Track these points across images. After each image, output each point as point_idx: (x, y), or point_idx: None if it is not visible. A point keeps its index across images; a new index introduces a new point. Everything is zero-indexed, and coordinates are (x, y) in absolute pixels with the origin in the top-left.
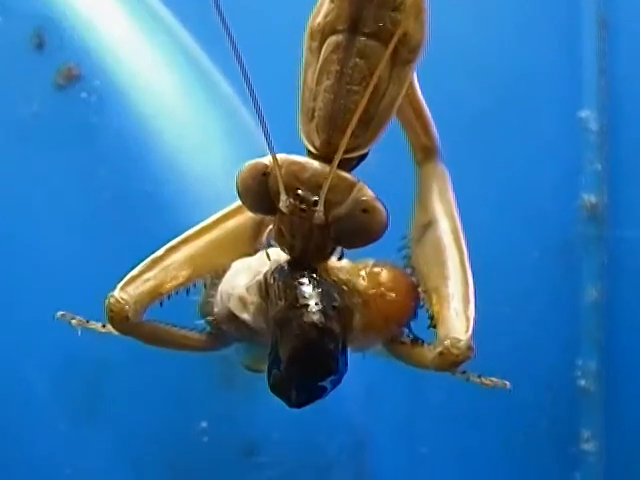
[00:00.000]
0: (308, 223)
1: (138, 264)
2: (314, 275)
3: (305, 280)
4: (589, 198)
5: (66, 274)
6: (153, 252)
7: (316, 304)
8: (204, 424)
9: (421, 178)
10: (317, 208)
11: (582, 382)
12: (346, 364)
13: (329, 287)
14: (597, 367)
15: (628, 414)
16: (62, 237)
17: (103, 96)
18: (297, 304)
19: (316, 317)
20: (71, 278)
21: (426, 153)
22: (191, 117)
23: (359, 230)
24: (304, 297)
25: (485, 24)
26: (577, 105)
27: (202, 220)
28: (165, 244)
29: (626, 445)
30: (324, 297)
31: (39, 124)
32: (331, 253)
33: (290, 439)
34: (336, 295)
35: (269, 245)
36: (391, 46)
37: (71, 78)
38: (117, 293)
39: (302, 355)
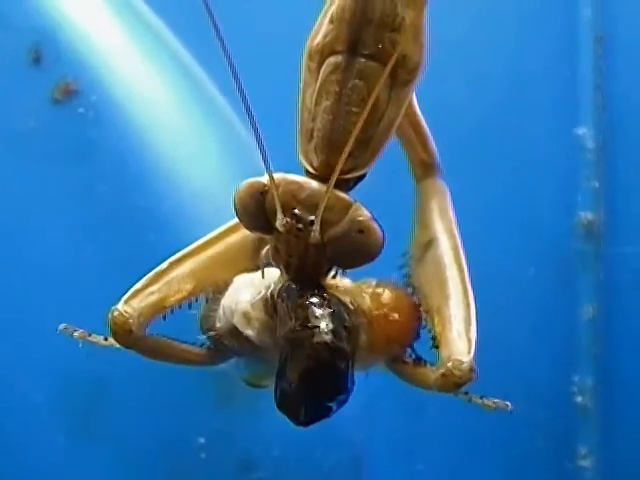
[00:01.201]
0: (304, 242)
1: (138, 278)
2: (325, 295)
3: (316, 300)
4: (586, 215)
5: (65, 289)
6: (152, 267)
7: (328, 324)
8: (202, 440)
9: (421, 194)
10: (313, 228)
11: (579, 398)
12: (353, 383)
13: (339, 307)
14: (594, 383)
15: (625, 430)
16: (60, 252)
17: (100, 111)
18: (308, 324)
19: (328, 337)
20: (69, 293)
21: (425, 169)
22: (188, 131)
23: (355, 250)
24: (316, 317)
25: (481, 41)
26: (573, 122)
27: (200, 234)
28: (165, 258)
29: (623, 461)
30: (335, 317)
31: (36, 139)
32: (327, 273)
33: (287, 455)
34: (345, 315)
35: (268, 263)
36: (389, 67)
37: (68, 93)
38: (121, 306)
39: (314, 375)
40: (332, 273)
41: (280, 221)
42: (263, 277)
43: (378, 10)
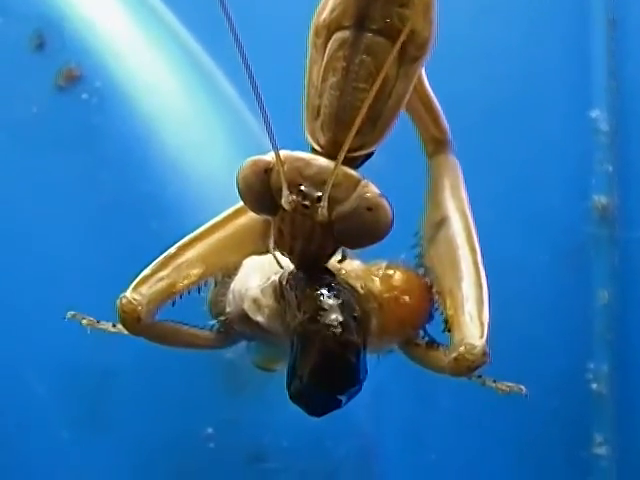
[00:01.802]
0: (310, 222)
1: (142, 265)
2: (333, 284)
3: (325, 291)
4: (599, 199)
5: (69, 277)
6: (156, 254)
7: (337, 317)
8: (210, 430)
9: (432, 171)
10: (320, 204)
11: (594, 385)
12: (366, 372)
13: (348, 296)
14: (609, 370)
15: None
16: (65, 239)
17: (104, 97)
18: (318, 316)
19: (338, 331)
20: (75, 281)
21: (437, 145)
22: (194, 117)
23: (363, 229)
24: (325, 310)
25: (494, 24)
26: (587, 105)
27: (205, 220)
28: (169, 245)
29: (639, 449)
30: (345, 308)
31: (39, 126)
32: (332, 255)
33: (297, 445)
34: (355, 304)
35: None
36: (398, 43)
37: (72, 79)
38: (129, 294)
39: (325, 369)
40: (339, 257)
41: (286, 198)
42: (277, 262)
43: None
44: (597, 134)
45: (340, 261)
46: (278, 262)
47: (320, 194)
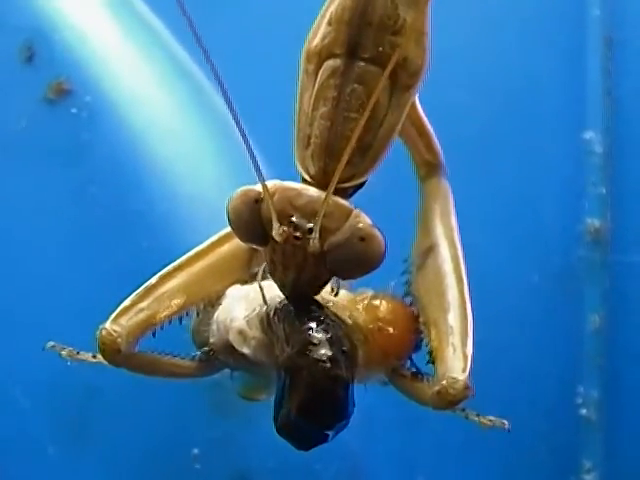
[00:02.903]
0: (302, 253)
1: (131, 284)
2: (322, 318)
3: (314, 325)
4: (592, 222)
5: (55, 294)
6: (145, 271)
7: (327, 352)
8: (196, 451)
9: (424, 195)
10: (312, 236)
11: (583, 411)
12: (354, 405)
13: (337, 330)
14: (599, 395)
15: (630, 444)
16: (51, 255)
17: (94, 112)
18: (307, 351)
19: (327, 365)
20: (60, 298)
21: (429, 169)
22: (184, 134)
23: (356, 259)
24: (314, 344)
25: (488, 43)
26: (581, 126)
27: (195, 238)
28: (157, 264)
29: (628, 476)
30: (334, 343)
31: (28, 139)
32: (324, 286)
33: (284, 466)
34: (344, 338)
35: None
36: (388, 70)
37: (61, 93)
38: (109, 325)
39: (314, 404)
40: (328, 288)
41: (277, 230)
42: (262, 295)
43: (378, 12)
44: (591, 156)
45: (335, 294)
46: (263, 296)
47: (312, 225)
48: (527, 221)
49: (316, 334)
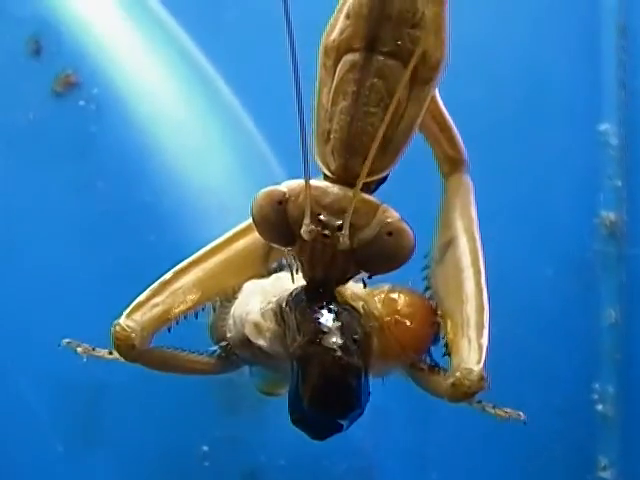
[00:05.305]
0: (331, 250)
1: (140, 278)
2: (332, 306)
3: (324, 312)
4: (608, 215)
5: (62, 288)
6: (153, 265)
7: (337, 340)
8: (205, 448)
9: (447, 190)
10: (341, 232)
11: (600, 407)
12: (369, 394)
13: (348, 317)
14: (615, 391)
15: None
16: (60, 250)
17: (102, 104)
18: (317, 339)
19: (337, 354)
20: (70, 292)
21: (453, 165)
22: (192, 126)
23: (385, 254)
24: (324, 333)
25: (502, 36)
26: (596, 118)
27: (203, 231)
28: (165, 257)
29: None
30: (345, 330)
31: (35, 132)
32: (349, 279)
33: (294, 464)
34: (355, 325)
35: (278, 269)
36: (410, 66)
37: (69, 85)
38: (123, 321)
39: (325, 393)
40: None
41: (306, 228)
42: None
43: (397, 5)
44: (606, 148)
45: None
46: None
47: (340, 222)
48: (542, 214)
49: (326, 322)
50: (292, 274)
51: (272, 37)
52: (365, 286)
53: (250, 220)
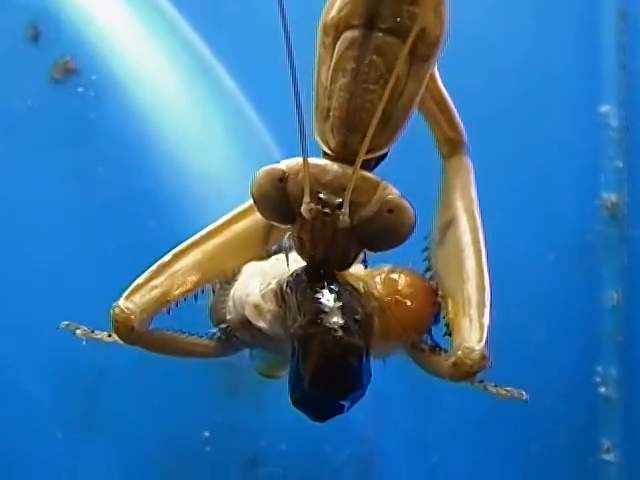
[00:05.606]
0: (331, 228)
1: (139, 266)
2: (333, 286)
3: (325, 292)
4: (609, 197)
5: (62, 274)
6: (152, 251)
7: (338, 320)
8: (206, 433)
9: (446, 173)
10: (342, 211)
11: (602, 389)
12: (370, 375)
13: (349, 297)
14: (618, 373)
15: None
16: (59, 236)
17: (100, 91)
18: (318, 319)
19: (338, 334)
20: (69, 279)
21: (452, 146)
22: (192, 113)
23: (386, 231)
24: (325, 312)
25: (502, 18)
26: (596, 100)
27: (203, 218)
28: (164, 243)
29: None
30: (345, 310)
31: (34, 119)
32: (354, 259)
33: (295, 449)
34: (357, 305)
35: (278, 250)
36: (409, 42)
37: (67, 72)
38: (122, 303)
39: (326, 374)
40: (360, 261)
41: (306, 206)
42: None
43: None
44: (607, 130)
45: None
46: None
47: (340, 200)
48: (543, 197)
49: (327, 302)
50: (287, 258)
51: (273, 26)
52: (366, 267)
53: (250, 202)
